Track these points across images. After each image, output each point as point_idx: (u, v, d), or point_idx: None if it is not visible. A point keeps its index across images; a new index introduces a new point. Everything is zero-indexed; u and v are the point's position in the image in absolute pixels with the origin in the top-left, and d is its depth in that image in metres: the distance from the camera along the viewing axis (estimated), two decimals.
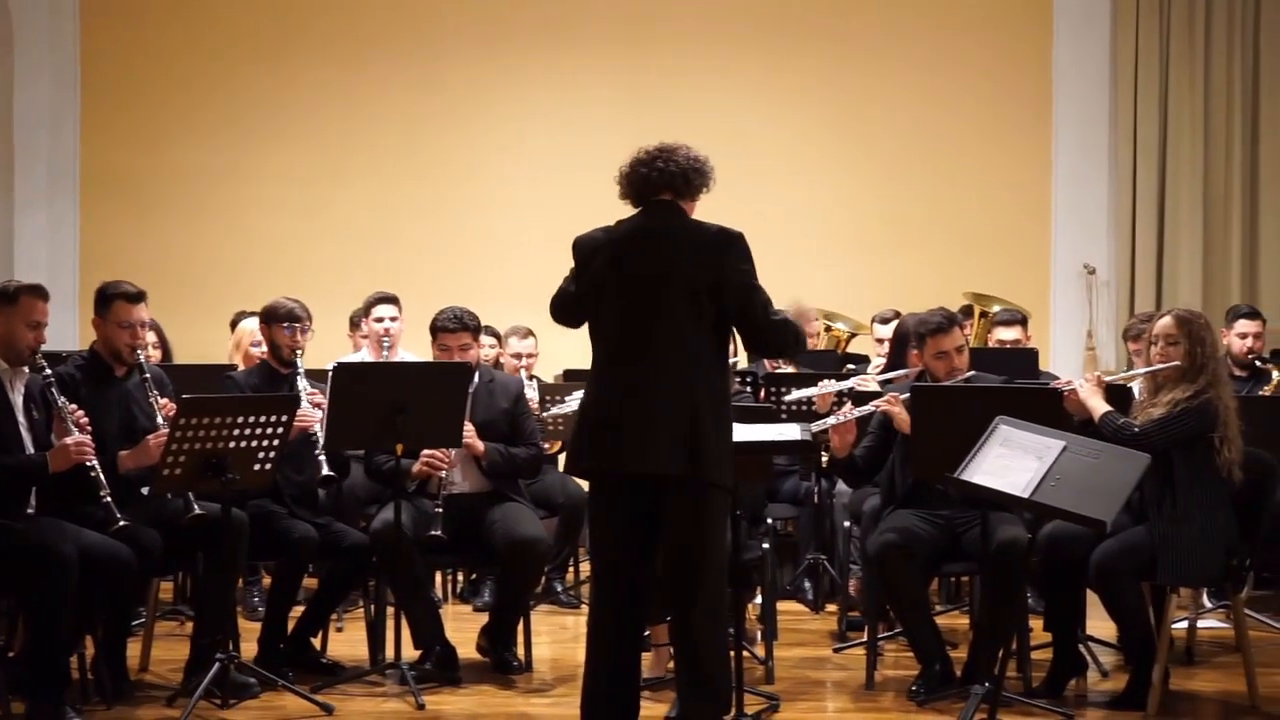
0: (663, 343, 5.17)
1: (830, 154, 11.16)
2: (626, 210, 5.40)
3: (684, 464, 5.11)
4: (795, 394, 7.51)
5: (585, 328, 5.42)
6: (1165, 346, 6.40)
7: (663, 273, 5.19)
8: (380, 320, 8.54)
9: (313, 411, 6.78)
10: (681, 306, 5.16)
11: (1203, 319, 6.45)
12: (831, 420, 6.66)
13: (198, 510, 6.23)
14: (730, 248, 5.20)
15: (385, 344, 8.44)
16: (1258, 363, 8.69)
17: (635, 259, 5.24)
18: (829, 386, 7.31)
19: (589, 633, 5.32)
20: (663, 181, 5.29)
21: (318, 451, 6.75)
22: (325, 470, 6.75)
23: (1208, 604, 7.91)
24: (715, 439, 5.16)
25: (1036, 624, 6.77)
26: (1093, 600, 6.56)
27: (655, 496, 5.18)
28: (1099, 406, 6.34)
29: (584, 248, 5.36)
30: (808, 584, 8.53)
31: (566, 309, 5.45)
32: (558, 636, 7.90)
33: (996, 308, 9.31)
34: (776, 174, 10.92)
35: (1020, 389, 6.71)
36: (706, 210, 5.40)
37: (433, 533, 6.77)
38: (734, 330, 5.33)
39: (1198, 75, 10.72)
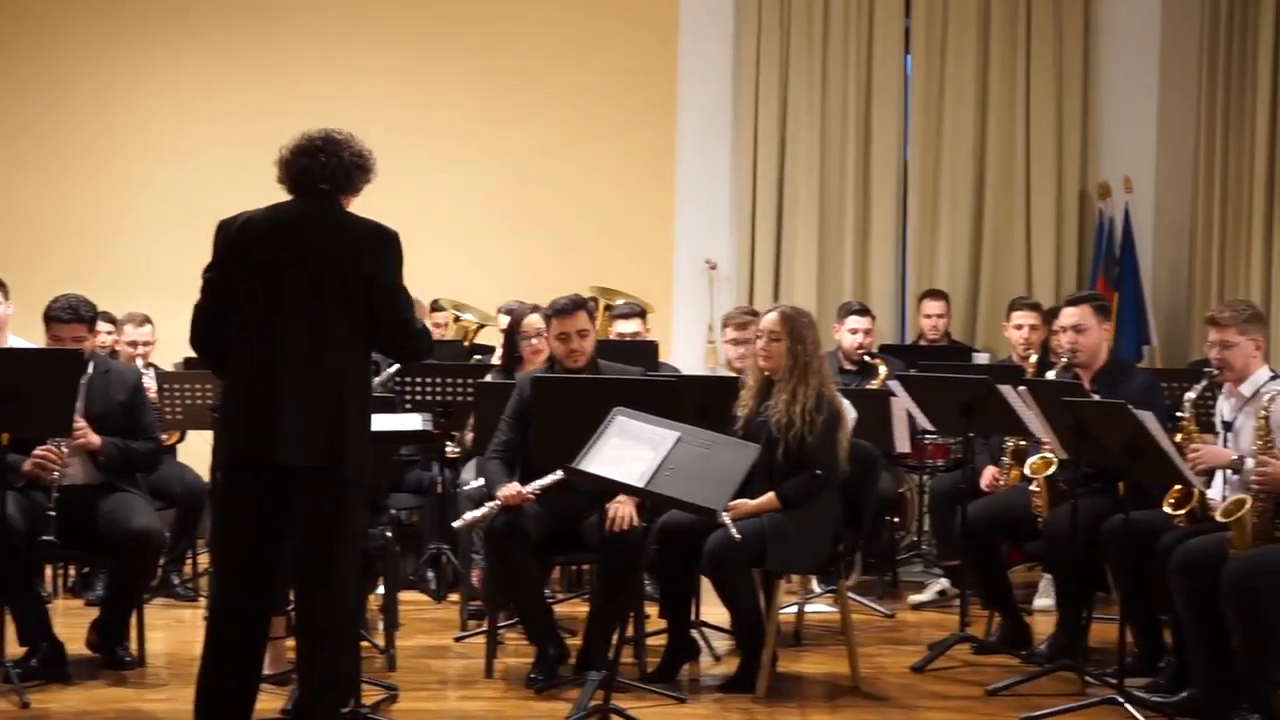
0: (308, 332, 5.04)
1: (460, 144, 11.13)
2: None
3: (325, 457, 5.01)
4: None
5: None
6: (768, 342, 6.62)
7: (314, 262, 5.06)
8: None
9: None
10: (330, 298, 5.04)
11: (806, 317, 6.67)
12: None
13: None
14: (386, 245, 5.14)
15: None
16: (867, 358, 9.05)
17: (286, 245, 5.09)
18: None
19: (210, 625, 5.18)
20: (323, 175, 5.16)
21: None
22: None
23: (816, 589, 8.20)
24: (357, 433, 5.09)
25: (652, 610, 6.90)
26: (706, 586, 6.76)
27: (288, 487, 5.05)
28: (767, 502, 6.49)
29: (230, 229, 5.17)
30: (431, 573, 8.55)
31: (207, 307, 5.20)
32: (173, 630, 7.73)
33: (620, 301, 9.44)
34: (407, 161, 10.80)
35: (639, 381, 6.84)
36: None
37: (45, 537, 6.53)
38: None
39: (815, 78, 11.05)
